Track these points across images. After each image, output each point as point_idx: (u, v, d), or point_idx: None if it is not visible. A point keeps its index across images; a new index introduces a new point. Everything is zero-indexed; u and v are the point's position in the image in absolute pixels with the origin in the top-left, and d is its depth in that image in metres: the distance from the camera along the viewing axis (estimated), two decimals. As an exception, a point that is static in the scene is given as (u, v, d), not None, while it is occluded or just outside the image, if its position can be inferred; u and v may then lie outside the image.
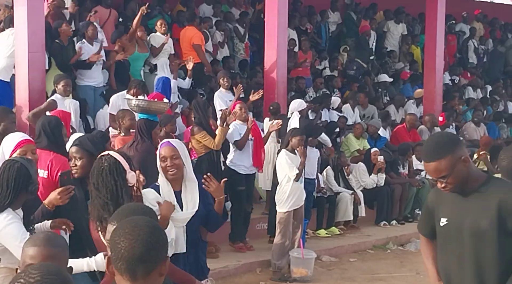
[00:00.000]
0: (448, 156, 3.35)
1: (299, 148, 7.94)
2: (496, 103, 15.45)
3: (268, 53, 10.94)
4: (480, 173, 3.58)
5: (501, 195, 3.34)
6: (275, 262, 8.01)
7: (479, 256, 3.41)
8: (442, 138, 3.53)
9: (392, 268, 8.71)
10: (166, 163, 4.38)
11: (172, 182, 4.42)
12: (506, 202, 3.31)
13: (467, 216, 3.43)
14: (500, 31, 18.87)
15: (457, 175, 3.37)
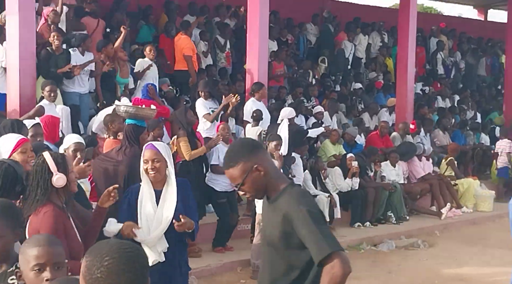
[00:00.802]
0: (240, 164, 3.12)
1: (275, 152, 7.91)
2: (463, 112, 15.55)
3: (249, 63, 10.92)
4: (282, 181, 3.23)
5: (285, 207, 3.07)
6: (254, 261, 7.95)
7: (273, 268, 3.21)
8: (236, 146, 3.30)
9: (365, 267, 8.68)
10: (147, 165, 4.44)
11: (154, 182, 4.44)
12: (288, 215, 3.04)
13: (267, 226, 3.24)
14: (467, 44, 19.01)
15: (252, 184, 3.14)
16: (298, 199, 3.08)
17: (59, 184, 3.79)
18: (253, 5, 10.77)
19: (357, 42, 16.26)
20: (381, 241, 9.94)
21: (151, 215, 4.44)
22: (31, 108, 8.06)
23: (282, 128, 9.41)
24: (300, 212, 3.01)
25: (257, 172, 3.11)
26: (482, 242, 10.31)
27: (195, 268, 7.82)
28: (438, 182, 12.07)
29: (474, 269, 8.66)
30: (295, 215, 3.02)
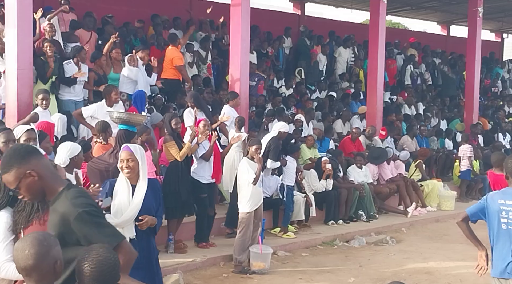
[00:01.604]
0: (13, 170, 3.03)
1: (256, 155, 7.94)
2: (428, 119, 15.68)
3: (232, 73, 10.95)
4: (60, 184, 3.15)
5: (62, 209, 3.04)
6: (237, 256, 7.98)
7: None
8: (9, 153, 3.15)
9: (338, 261, 8.74)
10: (123, 164, 4.77)
11: (129, 178, 4.78)
12: (65, 217, 3.02)
13: (49, 226, 3.14)
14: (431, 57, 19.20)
15: (27, 188, 3.07)
16: (74, 200, 3.05)
17: None
18: (235, 19, 10.81)
19: (337, 55, 16.38)
20: (352, 238, 9.98)
21: (126, 204, 4.75)
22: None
23: (266, 137, 9.50)
24: (78, 214, 3.01)
25: (31, 177, 3.05)
26: (445, 238, 10.40)
27: (181, 263, 7.85)
28: (405, 183, 12.17)
29: (437, 263, 8.72)
30: (73, 217, 3.01)
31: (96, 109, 8.66)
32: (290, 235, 9.64)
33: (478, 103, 16.34)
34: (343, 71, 16.32)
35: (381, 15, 13.33)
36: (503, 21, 21.65)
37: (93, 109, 8.71)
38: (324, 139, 11.91)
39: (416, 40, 19.21)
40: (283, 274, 8.03)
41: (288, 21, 17.32)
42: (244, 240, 7.98)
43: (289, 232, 9.72)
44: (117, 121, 6.88)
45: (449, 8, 19.39)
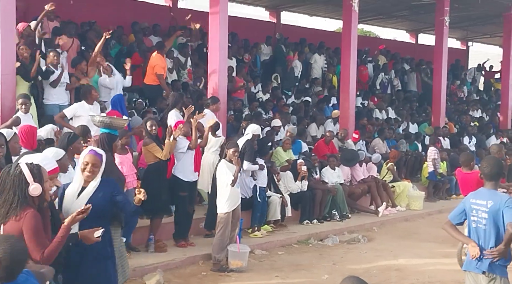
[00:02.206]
0: None
1: (233, 157, 7.93)
2: (398, 123, 15.80)
3: (211, 78, 10.92)
4: None
5: None
6: (215, 255, 7.94)
7: None
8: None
9: (313, 259, 8.75)
10: (87, 166, 4.61)
11: (85, 181, 4.64)
12: None
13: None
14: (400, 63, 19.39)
15: None
16: None
17: (35, 193, 3.72)
18: (213, 27, 10.78)
19: (313, 61, 16.44)
20: (326, 236, 10.00)
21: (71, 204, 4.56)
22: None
23: (241, 139, 9.48)
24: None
25: None
26: (414, 237, 10.48)
27: (161, 261, 7.80)
28: (376, 184, 12.24)
29: (407, 260, 8.77)
30: None
31: (77, 108, 8.63)
32: (257, 234, 9.61)
33: (445, 107, 16.52)
34: (317, 77, 16.37)
35: (353, 24, 13.41)
36: (468, 30, 21.95)
37: (75, 108, 8.67)
38: (296, 142, 11.91)
39: (385, 47, 19.37)
40: (260, 272, 8.01)
41: (265, 29, 17.37)
42: (222, 239, 7.94)
43: (257, 232, 9.67)
44: (100, 125, 6.81)
45: (418, 17, 19.60)
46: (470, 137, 16.51)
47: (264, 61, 15.80)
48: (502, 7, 17.35)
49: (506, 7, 17.36)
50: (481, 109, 19.61)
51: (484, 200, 4.61)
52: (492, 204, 4.55)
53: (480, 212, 4.62)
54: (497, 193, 4.68)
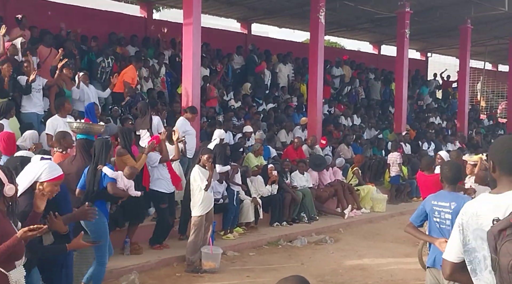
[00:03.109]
0: None
1: (207, 163, 7.91)
2: (362, 129, 15.95)
3: (185, 87, 10.88)
4: None
5: None
6: (189, 257, 7.90)
7: None
8: None
9: (282, 260, 8.77)
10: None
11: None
12: None
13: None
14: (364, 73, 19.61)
15: None
16: None
17: (10, 194, 3.66)
18: (187, 37, 10.76)
19: (278, 70, 16.51)
20: (295, 238, 10.03)
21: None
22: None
23: (210, 145, 9.47)
24: None
25: None
26: (377, 237, 10.58)
27: (136, 263, 7.72)
28: (342, 188, 12.33)
29: (371, 260, 8.85)
30: None
31: (53, 123, 8.45)
32: (229, 236, 9.59)
33: (406, 115, 16.76)
34: (284, 85, 16.44)
35: (320, 35, 13.51)
36: (427, 42, 22.34)
37: (51, 124, 8.48)
38: (264, 148, 11.93)
39: (349, 57, 19.57)
40: (232, 272, 8.00)
41: (236, 39, 17.40)
42: (196, 241, 7.91)
43: (229, 234, 9.64)
44: (77, 131, 6.74)
45: (380, 29, 19.86)
46: (429, 143, 16.77)
47: (236, 70, 15.82)
48: (458, 20, 17.71)
49: (462, 21, 17.73)
50: (439, 116, 19.95)
51: (447, 202, 4.67)
52: (455, 205, 4.61)
53: (443, 213, 4.68)
54: (458, 194, 4.76)
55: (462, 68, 18.77)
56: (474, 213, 2.76)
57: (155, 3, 16.88)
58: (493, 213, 2.65)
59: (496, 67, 28.36)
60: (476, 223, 2.73)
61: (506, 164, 2.70)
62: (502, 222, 2.51)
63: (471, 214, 2.77)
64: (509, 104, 21.81)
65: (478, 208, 2.75)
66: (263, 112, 14.50)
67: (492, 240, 2.50)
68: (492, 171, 2.75)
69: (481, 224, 2.69)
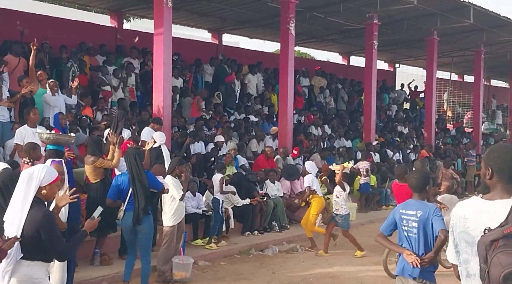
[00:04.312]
0: None
1: (183, 173, 7.93)
2: (332, 139, 16.09)
3: (156, 97, 10.85)
4: None
5: None
6: (160, 267, 7.86)
7: None
8: None
9: (254, 269, 8.79)
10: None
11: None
12: None
13: None
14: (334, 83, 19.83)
15: None
16: None
17: None
18: (158, 48, 10.76)
19: (247, 81, 16.57)
20: (266, 247, 10.06)
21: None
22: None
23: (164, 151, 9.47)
24: None
25: None
26: (347, 246, 10.61)
27: (106, 274, 7.65)
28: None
29: (341, 267, 8.93)
30: None
31: (22, 133, 8.33)
32: (212, 246, 9.59)
33: (375, 124, 16.98)
34: (254, 95, 16.51)
35: (290, 46, 13.62)
36: (395, 53, 22.72)
37: (20, 134, 8.36)
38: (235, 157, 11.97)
39: (320, 68, 19.78)
40: (203, 282, 7.98)
41: (207, 49, 17.44)
42: (168, 251, 7.87)
43: (212, 243, 9.65)
44: (47, 142, 6.67)
45: (349, 40, 20.15)
46: (398, 151, 17.02)
47: (207, 80, 15.83)
48: (425, 32, 18.08)
49: (429, 32, 18.10)
50: (407, 126, 20.27)
51: (414, 210, 4.77)
52: (421, 213, 4.70)
53: (410, 221, 4.77)
54: (425, 203, 4.84)
55: (429, 79, 19.13)
56: (462, 215, 2.77)
57: (126, 13, 16.83)
58: (480, 217, 2.66)
59: (462, 78, 29.01)
60: (463, 226, 2.74)
61: (506, 173, 2.73)
62: (494, 232, 2.48)
63: (459, 216, 2.78)
64: (474, 114, 22.27)
65: (466, 211, 2.75)
66: (234, 122, 14.52)
67: (483, 249, 2.48)
68: (489, 177, 2.77)
69: (468, 227, 2.71)
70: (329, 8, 15.59)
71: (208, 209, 9.98)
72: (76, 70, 11.92)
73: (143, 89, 13.47)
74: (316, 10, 15.70)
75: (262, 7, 15.38)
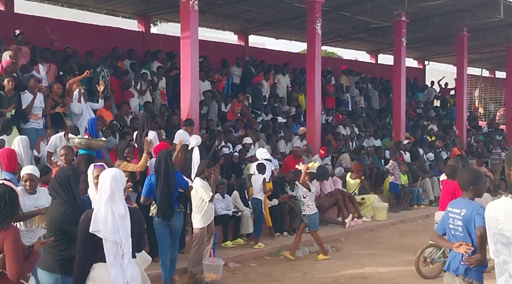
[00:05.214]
0: None
1: (212, 175, 8.01)
2: (361, 138, 15.97)
3: (183, 100, 10.94)
4: None
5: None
6: (191, 269, 7.90)
7: None
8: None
9: (284, 270, 8.77)
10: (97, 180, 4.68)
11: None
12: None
13: None
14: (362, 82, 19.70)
15: None
16: None
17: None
18: (185, 51, 10.85)
19: (277, 81, 16.58)
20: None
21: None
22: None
23: (194, 153, 9.58)
24: None
25: None
26: (379, 246, 10.59)
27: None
28: (343, 197, 12.34)
29: (373, 268, 8.85)
30: None
31: (57, 142, 8.53)
32: (261, 245, 9.67)
33: (404, 123, 16.80)
34: (282, 96, 16.51)
35: (316, 45, 13.59)
36: (424, 50, 22.45)
37: (54, 142, 8.57)
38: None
39: (347, 67, 19.66)
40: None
41: (234, 51, 17.50)
42: (198, 253, 7.92)
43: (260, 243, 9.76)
44: (78, 146, 6.76)
45: (376, 38, 19.98)
46: (431, 150, 16.81)
47: (234, 82, 15.89)
48: (454, 28, 17.81)
49: (458, 28, 17.83)
50: (437, 124, 20.01)
51: (459, 209, 4.71)
52: (465, 212, 4.64)
53: (456, 220, 4.71)
54: (471, 202, 4.73)
55: (459, 76, 18.85)
56: (494, 216, 2.73)
57: (153, 17, 17.01)
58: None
59: (494, 74, 28.48)
60: (496, 227, 2.70)
61: None
62: None
63: (491, 218, 2.74)
64: (507, 110, 21.85)
65: (497, 212, 2.71)
66: (262, 123, 14.54)
67: None
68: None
69: (501, 229, 2.66)
70: (356, 7, 15.49)
71: (237, 211, 10.02)
72: (106, 76, 12.10)
73: (172, 93, 13.58)
74: (342, 9, 15.61)
75: (288, 7, 15.37)
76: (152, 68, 13.58)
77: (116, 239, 4.07)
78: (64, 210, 4.43)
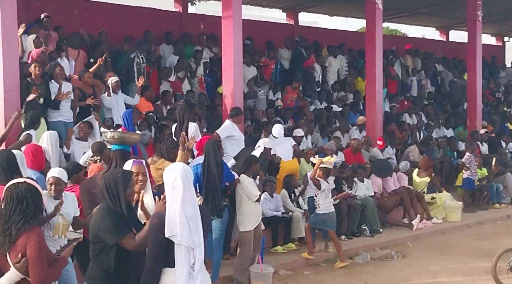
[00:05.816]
0: None
1: (260, 173, 8.04)
2: (430, 128, 15.68)
3: (225, 86, 11.00)
4: None
5: None
6: (237, 277, 7.97)
7: None
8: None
9: (342, 278, 8.73)
10: (138, 177, 5.29)
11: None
12: None
13: None
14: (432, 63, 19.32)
15: None
16: None
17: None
18: (227, 32, 10.88)
19: (327, 64, 16.43)
20: (356, 253, 9.95)
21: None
22: (16, 137, 8.13)
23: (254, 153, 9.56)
24: None
25: None
26: (452, 251, 10.40)
27: None
28: (409, 195, 12.15)
29: (446, 277, 8.71)
30: None
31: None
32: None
33: (481, 109, 16.41)
34: (334, 81, 16.33)
35: (377, 22, 13.43)
36: (503, 25, 21.84)
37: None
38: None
39: (412, 47, 19.30)
40: (285, 294, 8.03)
41: (282, 31, 17.46)
42: (244, 260, 7.98)
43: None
44: (112, 141, 6.84)
45: (447, 12, 19.55)
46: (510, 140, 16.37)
47: (283, 66, 15.84)
48: (539, -2, 17.27)
49: (544, -2, 17.28)
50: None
51: None
52: None
53: None
54: None
55: (546, 53, 18.27)
56: None
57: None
58: None
59: None
60: None
61: None
62: None
63: None
64: None
65: None
66: (314, 112, 14.44)
67: None
68: None
69: None
70: (423, -24, 15.22)
71: (286, 211, 10.00)
72: (141, 62, 12.27)
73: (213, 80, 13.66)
74: (407, -21, 15.37)
75: (344, -21, 15.25)
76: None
77: (190, 244, 4.10)
78: (103, 215, 4.47)
